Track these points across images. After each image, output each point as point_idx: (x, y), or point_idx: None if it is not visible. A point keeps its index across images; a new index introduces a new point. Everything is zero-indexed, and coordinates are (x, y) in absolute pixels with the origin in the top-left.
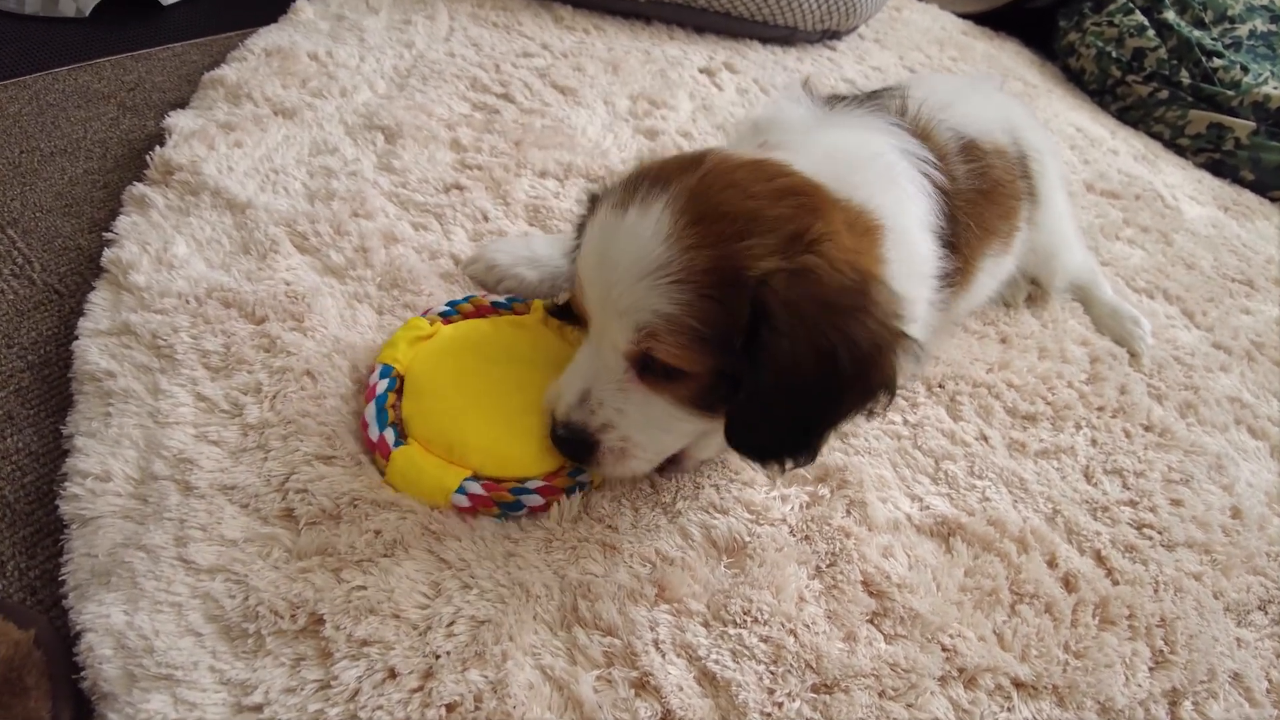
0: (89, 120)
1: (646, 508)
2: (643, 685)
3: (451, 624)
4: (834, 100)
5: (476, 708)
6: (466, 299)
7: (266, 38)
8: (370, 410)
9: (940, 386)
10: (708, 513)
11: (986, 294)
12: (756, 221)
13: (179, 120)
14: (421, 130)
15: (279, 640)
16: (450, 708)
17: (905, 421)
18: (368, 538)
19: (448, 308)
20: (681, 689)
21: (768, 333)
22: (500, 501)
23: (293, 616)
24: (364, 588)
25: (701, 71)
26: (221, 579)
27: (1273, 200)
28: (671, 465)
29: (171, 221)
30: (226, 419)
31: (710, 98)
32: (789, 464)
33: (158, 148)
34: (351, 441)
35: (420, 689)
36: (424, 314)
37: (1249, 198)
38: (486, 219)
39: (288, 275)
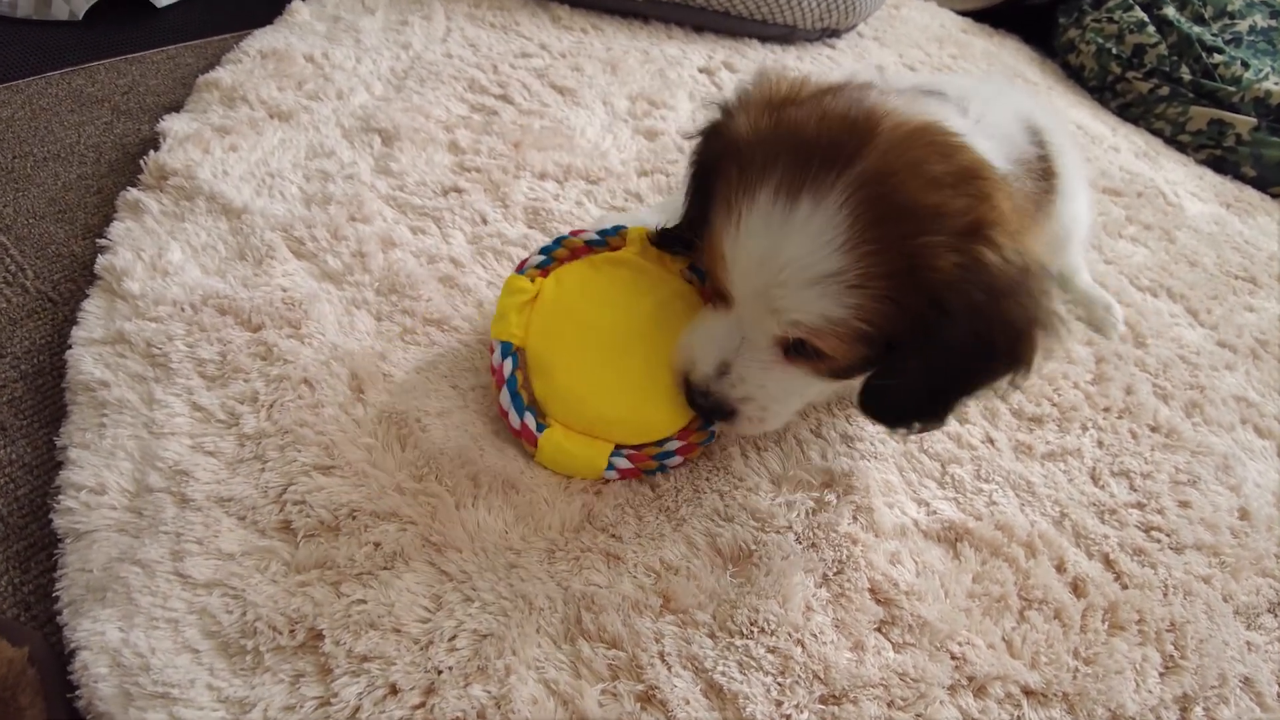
0: (82, 124)
1: (650, 515)
2: (648, 699)
3: (453, 638)
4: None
5: None
6: (558, 242)
7: (262, 40)
8: (505, 397)
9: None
10: (713, 520)
11: None
12: (938, 217)
13: (173, 124)
14: (419, 132)
15: (278, 656)
16: None
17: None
18: (367, 550)
19: (543, 256)
20: (688, 702)
21: (941, 322)
22: (646, 469)
23: (291, 632)
24: (364, 601)
25: (701, 71)
26: (219, 594)
27: (1274, 196)
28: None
29: (166, 227)
30: (223, 429)
31: (710, 97)
32: (917, 427)
33: (152, 152)
34: (351, 450)
35: (422, 705)
36: (519, 270)
37: (1250, 194)
38: (485, 221)
39: (284, 281)
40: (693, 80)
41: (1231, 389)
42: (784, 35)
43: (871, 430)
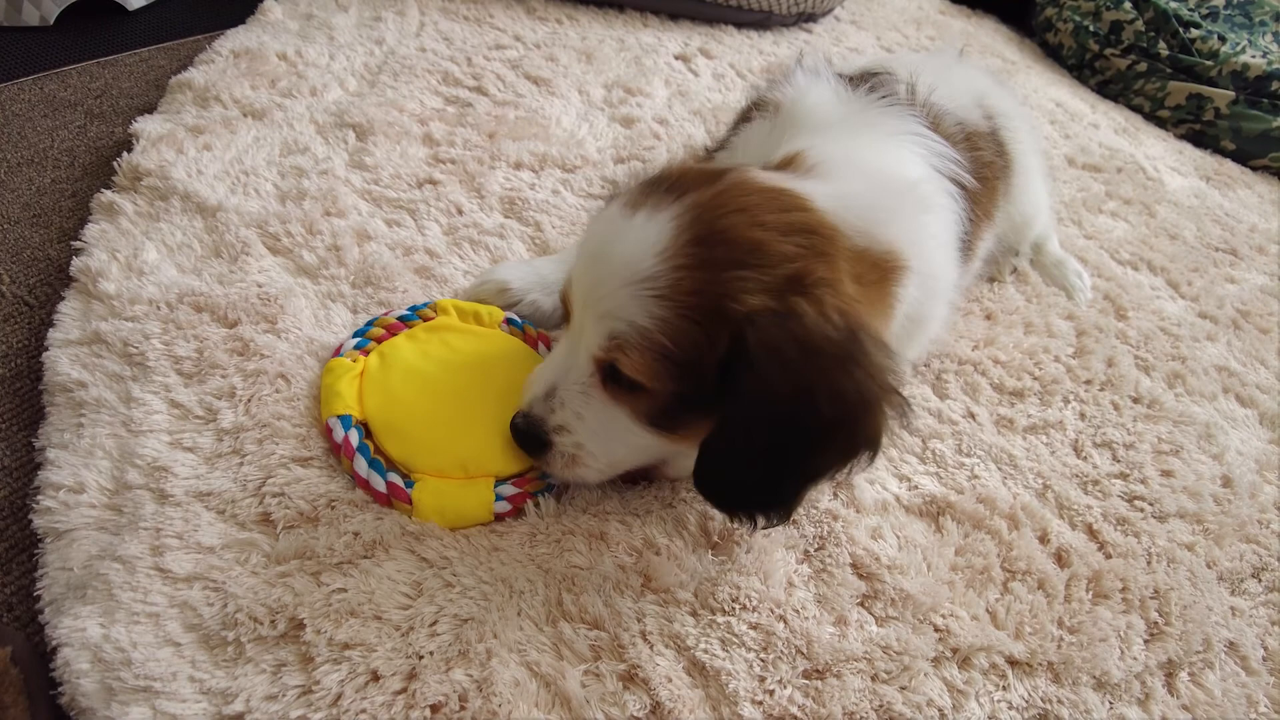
0: (56, 129)
1: (635, 495)
2: (631, 678)
3: (434, 623)
4: (852, 82)
5: (462, 707)
6: (370, 324)
7: (234, 39)
8: (361, 464)
9: (925, 365)
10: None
11: (974, 276)
12: (757, 253)
13: (146, 125)
14: (393, 126)
15: (259, 647)
16: (435, 708)
17: (911, 409)
18: (346, 539)
19: (358, 339)
20: (670, 680)
21: (744, 370)
22: (534, 491)
23: (272, 622)
24: (344, 590)
25: (677, 58)
26: (199, 587)
27: (1254, 169)
28: (643, 477)
29: (141, 228)
30: (201, 425)
31: (686, 84)
32: (760, 519)
33: (125, 154)
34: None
35: (404, 691)
36: (336, 354)
37: (1230, 167)
38: (461, 212)
39: (260, 277)
40: (668, 67)
41: (1213, 359)
42: (760, 21)
43: None
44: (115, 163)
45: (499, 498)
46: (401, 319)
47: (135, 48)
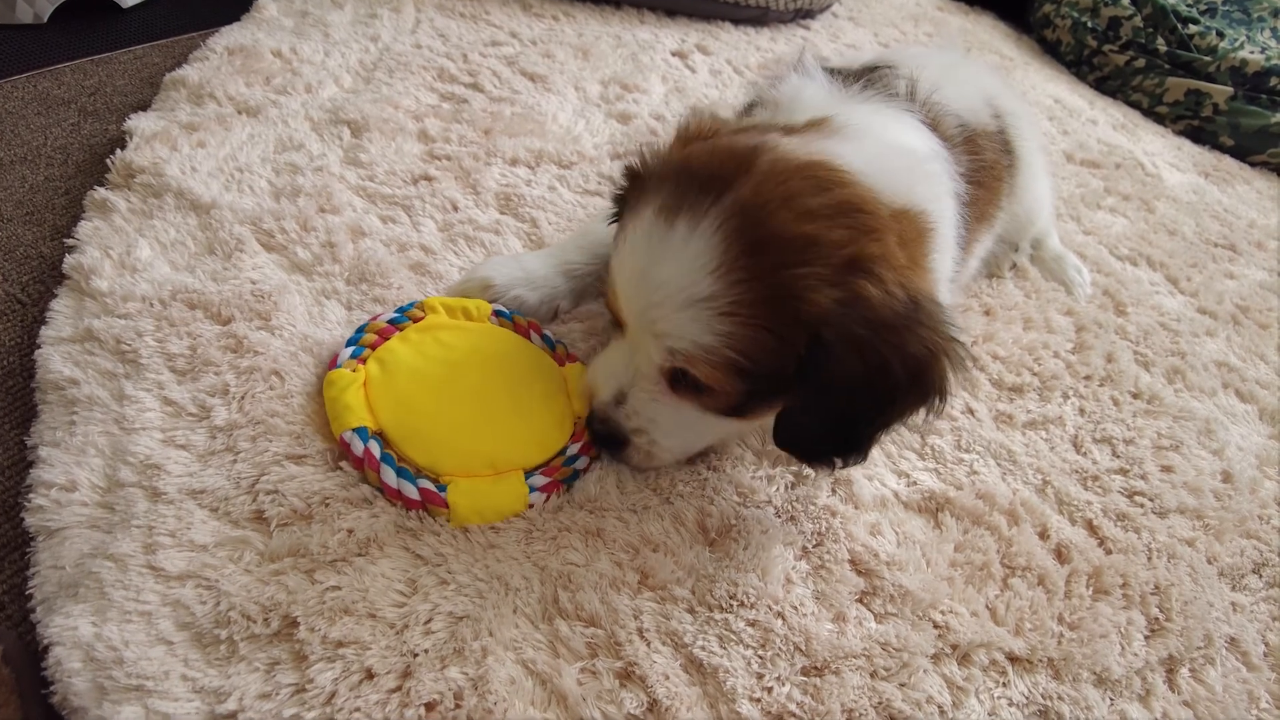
0: (49, 127)
1: (634, 488)
2: (628, 675)
3: (429, 621)
4: (843, 76)
5: (457, 706)
6: (361, 331)
7: (229, 36)
8: (390, 475)
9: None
10: (703, 496)
11: (972, 275)
12: (812, 248)
13: (140, 122)
14: (388, 123)
15: (252, 645)
16: (430, 707)
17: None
18: (340, 537)
19: (353, 348)
20: (668, 677)
21: (823, 360)
22: (563, 478)
23: (265, 620)
24: (338, 588)
25: (674, 54)
26: (192, 585)
27: (1253, 165)
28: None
29: (135, 225)
30: (194, 422)
31: (683, 80)
32: (839, 464)
33: (118, 151)
34: (322, 439)
35: (399, 689)
36: (333, 366)
37: (1229, 163)
38: (456, 209)
39: (254, 274)
40: (665, 64)
41: (1212, 355)
42: (757, 17)
43: None
44: (109, 160)
45: (532, 489)
46: (391, 322)
47: (129, 45)
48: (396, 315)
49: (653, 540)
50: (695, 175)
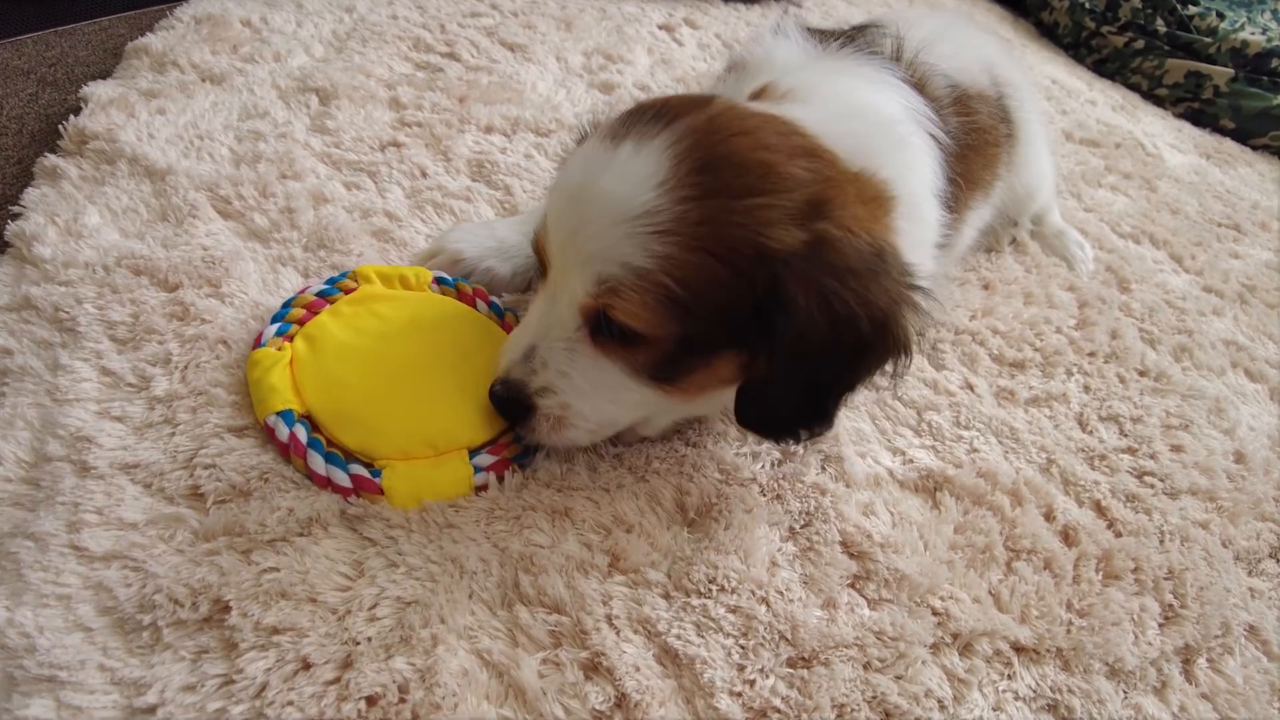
0: (5, 97)
1: (607, 465)
2: (594, 667)
3: (374, 606)
4: (823, 36)
5: (401, 700)
6: (287, 306)
7: (196, 6)
8: (317, 461)
9: (920, 335)
10: (681, 473)
11: (968, 245)
12: (770, 177)
13: (97, 89)
14: (359, 90)
15: (178, 632)
16: (371, 701)
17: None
18: (280, 515)
19: (278, 324)
20: (638, 669)
21: (787, 309)
22: (512, 456)
23: (194, 604)
24: (276, 569)
25: (660, 28)
26: (117, 566)
27: (1254, 148)
28: (629, 433)
29: (85, 192)
30: (132, 393)
31: (670, 53)
32: (804, 435)
33: (72, 117)
34: None
35: (337, 680)
36: (257, 345)
37: (1230, 146)
38: (425, 175)
39: (206, 240)
40: (651, 37)
41: (1220, 333)
42: None
43: None
44: (60, 126)
45: (477, 470)
46: (321, 294)
47: (95, 16)
48: (326, 287)
49: (626, 520)
50: (644, 111)
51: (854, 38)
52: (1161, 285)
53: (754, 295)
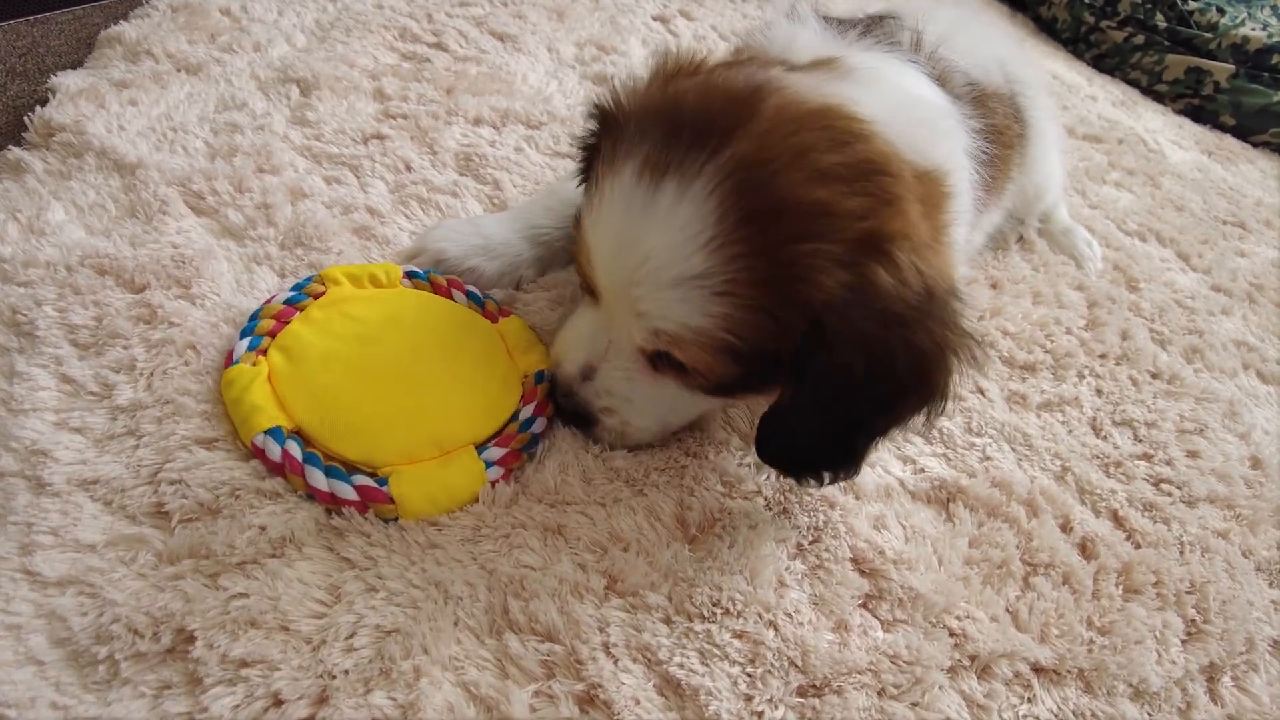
0: None
1: (602, 478)
2: (590, 700)
3: (351, 636)
4: (840, 24)
5: None
6: (254, 319)
7: None
8: (317, 477)
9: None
10: (682, 486)
11: (977, 249)
12: (826, 219)
13: (66, 79)
14: (341, 81)
15: (137, 666)
16: None
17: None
18: (251, 535)
19: (249, 338)
20: (638, 702)
21: (821, 353)
22: (521, 445)
23: (155, 635)
24: (245, 595)
25: (655, 19)
26: (73, 593)
27: (1254, 145)
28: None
29: (50, 187)
30: (94, 402)
31: (664, 44)
32: (828, 477)
33: (38, 108)
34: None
35: (311, 718)
36: (230, 363)
37: (1231, 143)
38: (410, 169)
39: (177, 238)
40: (646, 27)
41: (1230, 333)
42: None
43: None
44: (25, 117)
45: (489, 464)
46: (288, 302)
47: (69, 5)
48: (293, 294)
49: (623, 538)
50: (685, 122)
51: (872, 27)
52: (1170, 284)
53: (793, 336)
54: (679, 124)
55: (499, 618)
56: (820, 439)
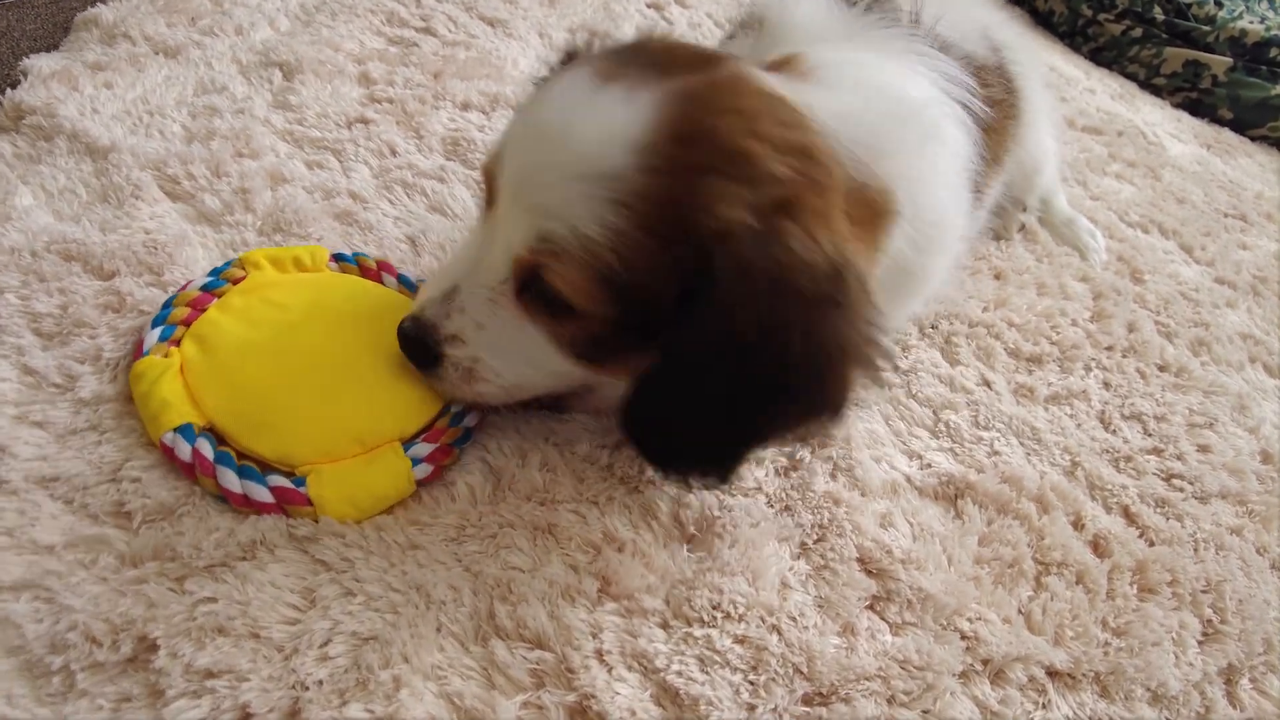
0: None
1: (595, 476)
2: (583, 711)
3: (326, 643)
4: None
5: None
6: (168, 307)
7: None
8: (229, 478)
9: (933, 327)
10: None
11: (979, 227)
12: (744, 165)
13: (38, 62)
14: (325, 65)
15: (95, 677)
16: None
17: (896, 367)
18: (219, 536)
19: (160, 328)
20: (634, 713)
21: (704, 297)
22: (451, 440)
23: (114, 644)
24: (213, 600)
25: (649, 6)
26: (27, 598)
27: (1253, 139)
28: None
29: (18, 171)
30: (56, 395)
31: (659, 30)
32: (694, 479)
33: (8, 90)
34: None
35: None
36: (139, 355)
37: (1229, 136)
38: (395, 153)
39: (150, 223)
40: (639, 14)
41: (1236, 326)
42: None
43: None
44: None
45: (415, 461)
46: (205, 289)
47: None
48: (210, 279)
49: (617, 538)
50: (645, 52)
51: (867, 2)
52: (1174, 276)
53: (680, 277)
54: (640, 52)
55: (485, 623)
56: (691, 419)
